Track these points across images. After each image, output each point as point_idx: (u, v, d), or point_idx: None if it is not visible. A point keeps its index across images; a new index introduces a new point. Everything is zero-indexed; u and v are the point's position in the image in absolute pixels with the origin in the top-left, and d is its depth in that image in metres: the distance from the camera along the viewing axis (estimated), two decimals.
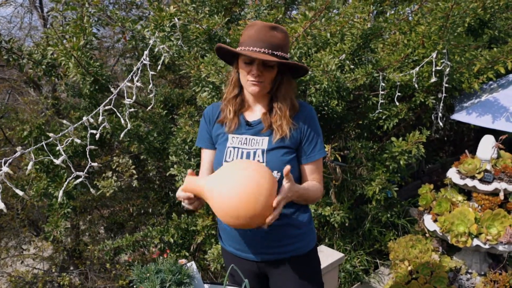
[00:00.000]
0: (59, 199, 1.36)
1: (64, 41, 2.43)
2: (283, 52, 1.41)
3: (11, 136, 4.17)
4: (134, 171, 3.17)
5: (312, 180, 1.51)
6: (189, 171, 1.35)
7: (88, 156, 1.44)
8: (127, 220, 4.71)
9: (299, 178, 1.53)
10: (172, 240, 3.28)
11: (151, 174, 3.97)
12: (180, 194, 1.36)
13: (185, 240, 3.47)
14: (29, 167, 1.23)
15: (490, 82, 3.22)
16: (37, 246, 3.89)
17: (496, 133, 2.87)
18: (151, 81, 1.98)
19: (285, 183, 1.27)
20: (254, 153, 1.45)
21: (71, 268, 4.36)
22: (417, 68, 2.61)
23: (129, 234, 4.61)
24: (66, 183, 1.35)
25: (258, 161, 1.43)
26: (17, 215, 3.85)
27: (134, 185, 3.17)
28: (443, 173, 5.68)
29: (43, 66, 2.80)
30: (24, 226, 3.99)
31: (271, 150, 1.44)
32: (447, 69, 2.59)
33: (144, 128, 3.14)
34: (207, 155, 1.61)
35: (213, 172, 1.58)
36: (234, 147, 1.48)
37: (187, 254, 3.45)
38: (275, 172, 1.41)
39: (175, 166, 2.91)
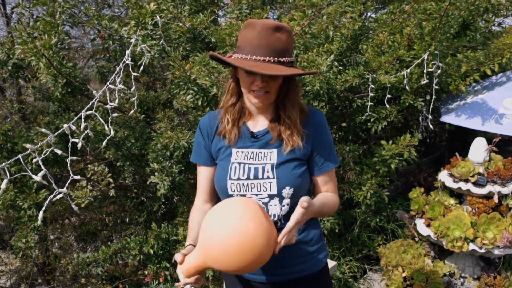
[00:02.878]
0: (39, 222, 1.18)
1: (35, 37, 2.22)
2: (289, 57, 1.23)
3: None
4: (111, 180, 2.96)
5: (326, 191, 1.37)
6: (177, 257, 1.16)
7: (69, 167, 1.27)
8: (100, 229, 4.47)
9: (310, 190, 1.40)
10: (152, 251, 3.10)
11: (127, 181, 3.76)
12: (187, 281, 1.15)
13: (165, 250, 3.30)
14: (3, 186, 1.05)
15: (474, 84, 3.22)
16: (3, 262, 3.60)
17: (476, 134, 2.86)
18: (133, 83, 1.81)
19: (299, 209, 1.12)
20: (263, 168, 1.28)
21: (39, 281, 4.08)
22: (408, 70, 2.55)
23: (103, 244, 4.37)
24: (47, 201, 1.17)
25: (268, 177, 1.28)
26: None
27: (111, 194, 2.96)
28: (418, 174, 5.71)
29: (9, 67, 2.56)
30: None
31: (281, 164, 1.28)
32: (438, 71, 2.55)
33: (121, 134, 2.94)
34: (205, 173, 1.42)
35: (212, 191, 1.43)
36: (239, 163, 1.31)
37: (168, 265, 3.27)
38: (287, 187, 1.27)
39: (156, 173, 2.73)
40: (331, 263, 2.61)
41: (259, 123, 1.35)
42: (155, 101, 3.81)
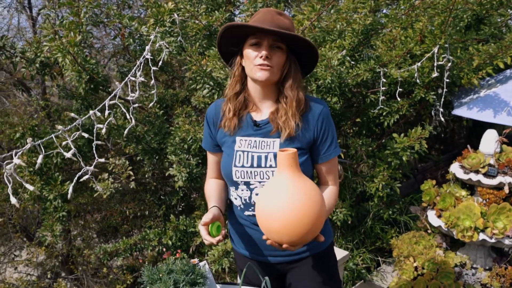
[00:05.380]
0: (69, 196, 1.30)
1: (61, 36, 2.36)
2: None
3: (0, 140, 4.06)
4: (131, 173, 3.09)
5: (328, 181, 1.45)
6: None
7: (94, 151, 1.38)
8: (120, 224, 4.62)
9: (312, 178, 1.48)
10: (170, 243, 3.21)
11: (146, 175, 3.90)
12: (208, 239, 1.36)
13: (183, 242, 3.41)
14: (39, 160, 1.17)
15: (488, 78, 3.23)
16: (30, 252, 3.77)
17: (492, 128, 2.88)
18: (153, 76, 1.93)
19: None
20: (266, 157, 1.36)
21: (63, 274, 4.26)
22: (419, 63, 2.59)
23: (124, 238, 4.52)
24: (75, 178, 1.28)
25: (271, 165, 1.36)
26: (9, 220, 3.74)
27: (131, 187, 3.09)
28: (436, 171, 5.70)
29: (37, 65, 2.72)
30: (16, 231, 3.87)
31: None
32: (449, 64, 2.59)
33: (141, 128, 3.07)
34: (213, 157, 1.55)
35: (219, 174, 1.53)
36: (243, 151, 1.39)
37: (185, 256, 3.38)
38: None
39: (174, 166, 2.85)
40: (342, 253, 2.68)
41: (262, 113, 1.43)
42: (174, 98, 3.93)
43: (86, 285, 3.74)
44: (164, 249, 3.32)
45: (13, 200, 1.16)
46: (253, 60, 1.32)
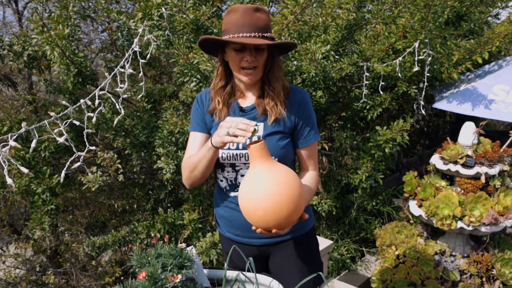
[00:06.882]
0: (61, 180, 1.34)
1: (49, 29, 2.38)
2: (270, 32, 1.39)
3: None
4: (120, 166, 3.13)
5: (308, 167, 1.52)
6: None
7: (85, 140, 1.42)
8: (109, 219, 4.64)
9: (294, 162, 1.54)
10: (158, 235, 3.25)
11: (135, 169, 3.93)
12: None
13: (171, 234, 3.45)
14: (33, 144, 1.21)
15: (468, 73, 3.34)
16: (18, 246, 3.79)
17: (476, 124, 2.98)
18: (141, 69, 1.97)
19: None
20: (250, 140, 1.44)
21: (51, 268, 4.27)
22: (400, 58, 2.68)
23: (113, 231, 4.54)
24: (67, 164, 1.32)
25: None
26: None
27: (120, 180, 3.12)
28: (421, 166, 5.82)
29: (24, 58, 2.73)
30: (3, 226, 3.88)
31: (267, 136, 1.44)
32: (429, 58, 2.67)
33: (130, 122, 3.10)
34: (199, 138, 1.55)
35: None
36: None
37: None
38: (272, 157, 1.41)
39: (162, 158, 2.89)
40: (327, 242, 2.76)
41: (248, 100, 1.51)
42: (162, 93, 3.96)
43: (75, 279, 3.76)
44: (153, 238, 3.36)
45: (9, 180, 1.20)
46: (239, 64, 1.40)
